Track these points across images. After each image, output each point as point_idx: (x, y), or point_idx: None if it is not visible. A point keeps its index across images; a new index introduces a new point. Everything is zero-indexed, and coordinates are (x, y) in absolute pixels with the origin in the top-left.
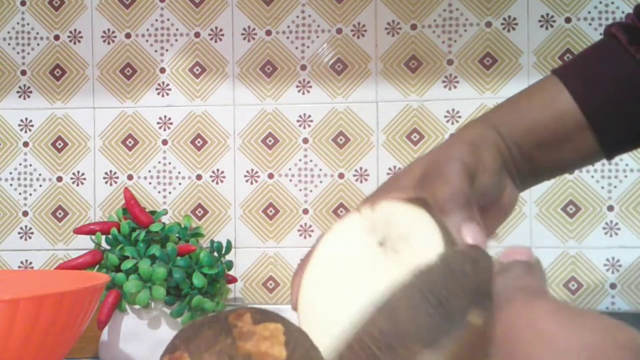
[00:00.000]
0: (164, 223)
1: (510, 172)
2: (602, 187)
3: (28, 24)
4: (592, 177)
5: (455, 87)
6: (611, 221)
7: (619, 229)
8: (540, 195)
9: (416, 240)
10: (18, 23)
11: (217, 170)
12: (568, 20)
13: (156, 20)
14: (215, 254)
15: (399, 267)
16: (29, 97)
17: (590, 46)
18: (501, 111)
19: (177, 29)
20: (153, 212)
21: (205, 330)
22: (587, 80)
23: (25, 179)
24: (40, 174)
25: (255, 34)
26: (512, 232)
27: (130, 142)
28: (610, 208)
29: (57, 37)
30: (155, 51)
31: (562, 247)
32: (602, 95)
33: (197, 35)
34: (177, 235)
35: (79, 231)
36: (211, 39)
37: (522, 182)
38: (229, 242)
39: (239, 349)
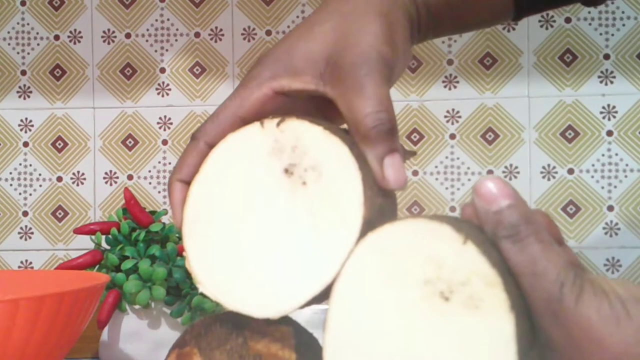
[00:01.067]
0: (164, 223)
1: (413, 35)
2: (602, 187)
3: (28, 24)
4: (592, 177)
5: (455, 87)
6: (611, 221)
7: (619, 229)
8: (540, 196)
9: (330, 176)
10: (18, 23)
11: None
12: (568, 20)
13: (156, 20)
14: None
15: (308, 201)
16: (29, 97)
17: None
18: None
19: (177, 29)
20: (153, 212)
21: (217, 328)
22: None
23: (25, 179)
24: (40, 174)
25: (255, 34)
26: None
27: (130, 142)
28: (610, 208)
29: (57, 37)
30: (155, 51)
31: None
32: None
33: (197, 35)
34: (177, 235)
35: (79, 231)
36: (211, 39)
37: (420, 39)
38: None
39: (250, 348)
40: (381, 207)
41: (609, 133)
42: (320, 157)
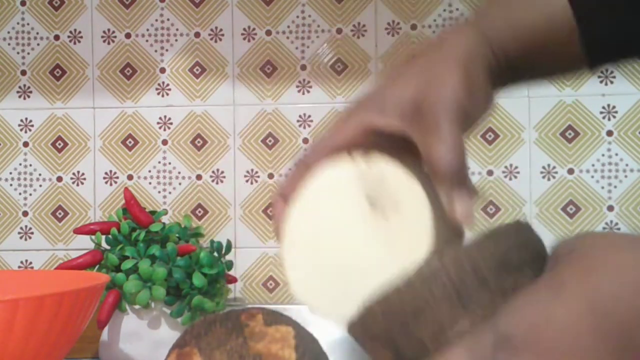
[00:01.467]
0: (164, 223)
1: (492, 82)
2: (602, 187)
3: (28, 24)
4: (592, 177)
5: None
6: (611, 221)
7: (618, 229)
8: (540, 195)
9: (406, 212)
10: (18, 23)
11: (217, 170)
12: None
13: (156, 20)
14: (215, 254)
15: (388, 235)
16: (29, 97)
17: None
18: (493, 9)
19: (177, 29)
20: (153, 212)
21: (217, 328)
22: None
23: (25, 179)
24: (40, 174)
25: (255, 34)
26: None
27: (130, 142)
28: (610, 208)
29: (57, 37)
30: (155, 51)
31: None
32: None
33: (197, 35)
34: (177, 235)
35: (79, 231)
36: (211, 39)
37: (500, 85)
38: (229, 242)
39: (250, 348)
40: (447, 239)
41: (609, 133)
42: (399, 195)
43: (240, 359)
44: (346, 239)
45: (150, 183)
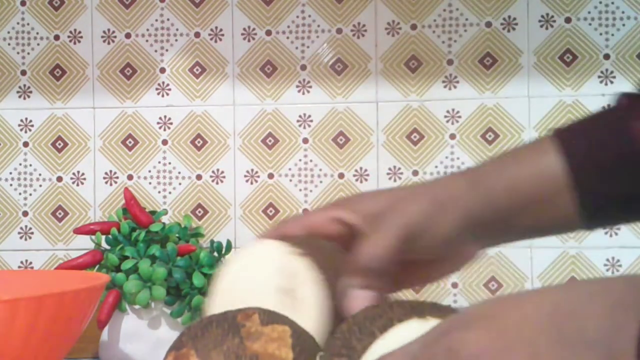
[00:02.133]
0: (164, 223)
1: (477, 232)
2: None
3: (28, 24)
4: None
5: (455, 87)
6: None
7: (618, 228)
8: None
9: (306, 305)
10: (18, 23)
11: (217, 170)
12: (568, 20)
13: (156, 20)
14: (215, 254)
15: (290, 310)
16: (29, 97)
17: (597, 112)
18: (489, 164)
19: (177, 29)
20: (153, 212)
21: (213, 329)
22: (578, 139)
23: (25, 179)
24: (40, 174)
25: (255, 34)
26: None
27: (130, 142)
28: None
29: (57, 37)
30: (155, 51)
31: (562, 247)
32: (588, 156)
33: (197, 35)
34: (177, 235)
35: (79, 231)
36: (211, 39)
37: (493, 241)
38: (229, 242)
39: (247, 349)
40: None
41: None
42: (306, 293)
43: (237, 359)
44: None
45: (150, 183)
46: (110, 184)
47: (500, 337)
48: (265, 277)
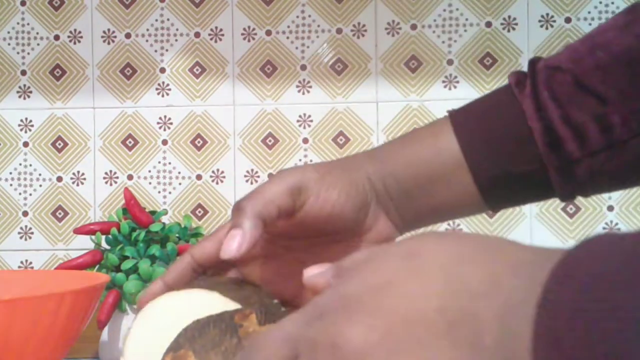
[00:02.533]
0: (164, 223)
1: (385, 206)
2: None
3: (28, 24)
4: None
5: (455, 87)
6: (611, 221)
7: (618, 229)
8: None
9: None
10: (18, 23)
11: (217, 170)
12: (568, 20)
13: (156, 20)
14: None
15: None
16: (29, 97)
17: (492, 92)
18: (391, 143)
19: (177, 29)
20: (153, 212)
21: (211, 330)
22: (468, 118)
23: (25, 179)
24: (40, 174)
25: (255, 34)
26: (512, 232)
27: (130, 142)
28: (610, 208)
29: (57, 37)
30: (155, 51)
31: (562, 247)
32: (478, 134)
33: (197, 35)
34: (177, 235)
35: (79, 231)
36: (211, 39)
37: (403, 221)
38: None
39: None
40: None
41: None
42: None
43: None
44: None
45: (150, 183)
46: (110, 184)
47: (389, 336)
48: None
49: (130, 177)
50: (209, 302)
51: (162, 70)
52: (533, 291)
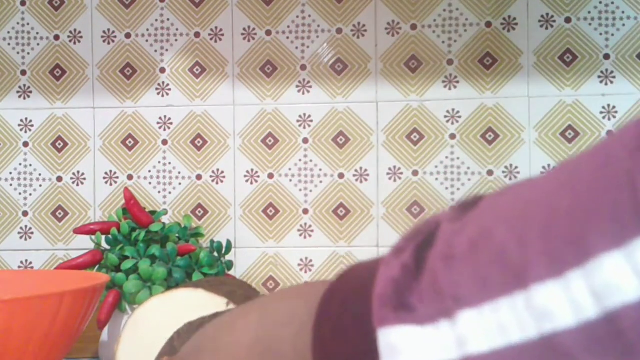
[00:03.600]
0: (164, 223)
1: None
2: None
3: (28, 24)
4: None
5: (455, 87)
6: None
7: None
8: None
9: None
10: (18, 23)
11: (217, 170)
12: (568, 20)
13: (156, 20)
14: (215, 254)
15: None
16: (29, 97)
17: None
18: None
19: (177, 29)
20: (153, 212)
21: None
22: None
23: (25, 179)
24: (40, 174)
25: (255, 34)
26: None
27: (130, 142)
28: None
29: (57, 37)
30: (155, 51)
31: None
32: None
33: (197, 35)
34: (177, 235)
35: (79, 231)
36: (211, 39)
37: None
38: (229, 242)
39: None
40: None
41: (609, 133)
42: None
43: None
44: None
45: (150, 183)
46: (110, 184)
47: None
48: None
49: (130, 177)
50: (196, 300)
51: (162, 70)
52: (310, 318)
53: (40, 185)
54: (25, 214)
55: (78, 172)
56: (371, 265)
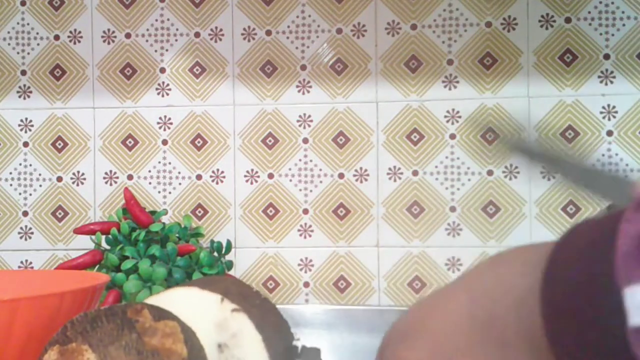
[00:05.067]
0: (164, 223)
1: None
2: None
3: (28, 24)
4: None
5: (455, 87)
6: None
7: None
8: (540, 195)
9: None
10: (18, 23)
11: (217, 170)
12: (568, 20)
13: (156, 20)
14: (215, 254)
15: None
16: (29, 97)
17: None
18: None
19: (177, 29)
20: (153, 212)
21: (105, 324)
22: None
23: (25, 179)
24: (40, 174)
25: (255, 34)
26: (512, 232)
27: (130, 142)
28: (610, 208)
29: (57, 37)
30: (155, 51)
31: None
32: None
33: (197, 35)
34: (177, 235)
35: (79, 231)
36: (211, 39)
37: None
38: (229, 242)
39: (146, 344)
40: None
41: (609, 133)
42: (245, 352)
43: (139, 354)
44: None
45: (150, 183)
46: (110, 184)
47: (438, 351)
48: (203, 332)
49: (130, 177)
50: (190, 298)
51: (162, 70)
52: (535, 281)
53: (40, 185)
54: (25, 214)
55: (78, 172)
56: (603, 222)
